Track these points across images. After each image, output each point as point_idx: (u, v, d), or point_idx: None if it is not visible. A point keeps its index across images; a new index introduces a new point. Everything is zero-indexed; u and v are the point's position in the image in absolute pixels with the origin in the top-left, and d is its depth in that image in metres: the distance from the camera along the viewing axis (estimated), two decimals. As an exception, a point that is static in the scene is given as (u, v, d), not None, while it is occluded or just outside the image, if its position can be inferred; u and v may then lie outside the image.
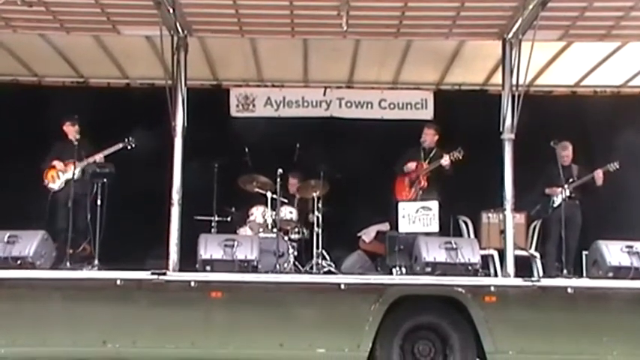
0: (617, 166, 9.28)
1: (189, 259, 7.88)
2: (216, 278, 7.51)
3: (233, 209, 9.73)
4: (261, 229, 9.30)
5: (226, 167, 9.62)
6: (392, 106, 11.03)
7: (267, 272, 8.00)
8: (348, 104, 11.04)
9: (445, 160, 9.14)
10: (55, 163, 9.27)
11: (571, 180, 9.28)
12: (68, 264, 8.03)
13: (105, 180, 8.67)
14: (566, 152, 9.39)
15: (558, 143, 9.06)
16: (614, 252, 7.94)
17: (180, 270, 7.73)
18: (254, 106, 10.97)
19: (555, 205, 9.26)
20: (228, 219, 9.68)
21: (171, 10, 7.89)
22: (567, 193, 9.16)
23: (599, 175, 9.26)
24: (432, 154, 9.45)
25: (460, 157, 9.10)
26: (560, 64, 9.95)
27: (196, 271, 7.68)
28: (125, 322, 7.39)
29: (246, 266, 7.73)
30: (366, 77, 10.73)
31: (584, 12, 8.08)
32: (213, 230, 9.38)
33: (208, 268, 7.69)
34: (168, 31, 8.11)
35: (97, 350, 7.39)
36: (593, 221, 9.58)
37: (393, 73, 10.59)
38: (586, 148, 9.99)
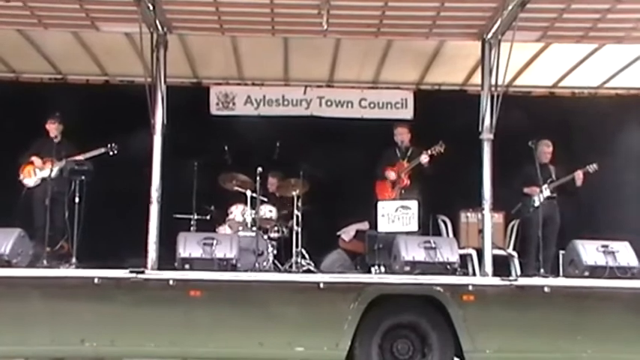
0: (596, 168, 9.41)
1: (168, 258, 7.88)
2: (195, 277, 7.49)
3: (212, 207, 9.74)
4: (240, 228, 9.31)
5: (206, 165, 9.63)
6: (372, 105, 11.08)
7: (246, 271, 7.99)
8: (329, 103, 11.06)
9: (424, 157, 9.19)
10: (34, 159, 9.22)
11: (550, 180, 9.38)
12: (45, 262, 7.99)
13: (83, 177, 8.64)
14: (549, 149, 9.45)
15: (538, 142, 9.18)
16: (590, 251, 8.02)
17: (159, 268, 7.70)
18: (234, 104, 10.97)
19: (536, 205, 9.35)
20: (208, 217, 9.69)
21: (150, 7, 7.87)
22: (548, 193, 9.27)
23: (579, 175, 9.38)
24: (409, 153, 9.51)
25: (442, 151, 9.15)
26: (538, 65, 10.04)
27: (175, 269, 7.66)
28: (103, 321, 7.36)
29: (226, 265, 7.71)
30: (346, 76, 10.77)
31: (563, 13, 8.17)
32: (192, 228, 9.40)
33: (187, 266, 7.67)
34: (147, 28, 8.09)
35: (75, 349, 7.37)
36: (570, 221, 9.66)
37: (374, 72, 10.63)
38: (564, 149, 10.08)
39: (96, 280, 7.33)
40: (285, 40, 9.37)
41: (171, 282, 7.39)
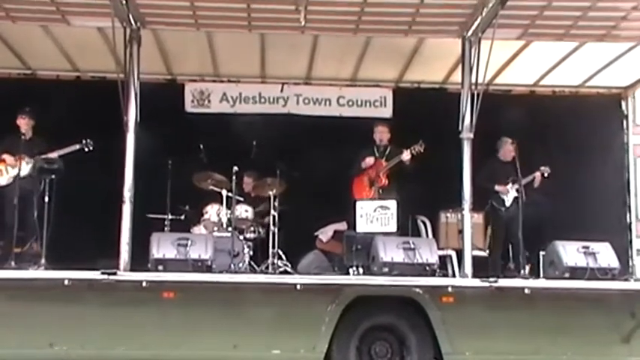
0: (549, 170, 9.52)
1: (141, 259, 7.81)
2: (168, 278, 7.44)
3: (187, 207, 9.69)
4: (215, 228, 9.28)
5: (180, 164, 9.57)
6: (350, 103, 11.06)
7: (221, 272, 7.96)
8: (306, 101, 11.03)
9: (406, 155, 9.19)
10: (5, 156, 9.05)
11: (512, 177, 9.40)
12: (13, 263, 7.87)
13: (53, 176, 8.52)
14: (512, 147, 9.46)
15: (501, 139, 9.41)
16: (570, 252, 8.05)
17: (132, 270, 7.64)
18: (209, 101, 10.90)
19: (508, 205, 9.44)
20: (182, 217, 9.65)
21: (123, 1, 7.79)
22: (514, 193, 9.35)
23: (538, 176, 9.50)
24: (387, 152, 9.51)
25: (422, 150, 9.17)
26: (519, 63, 10.06)
27: (148, 270, 7.60)
28: (73, 324, 7.28)
29: (200, 266, 7.67)
30: (324, 74, 10.73)
31: (543, 11, 8.19)
32: (166, 229, 9.35)
33: (161, 267, 7.61)
34: (120, 23, 8.00)
35: (44, 353, 7.26)
36: (550, 222, 9.73)
37: (352, 69, 10.60)
38: (544, 148, 10.14)
39: (66, 282, 7.22)
40: (262, 36, 9.32)
41: (144, 283, 7.31)
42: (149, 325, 7.34)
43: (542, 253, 8.86)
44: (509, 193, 9.45)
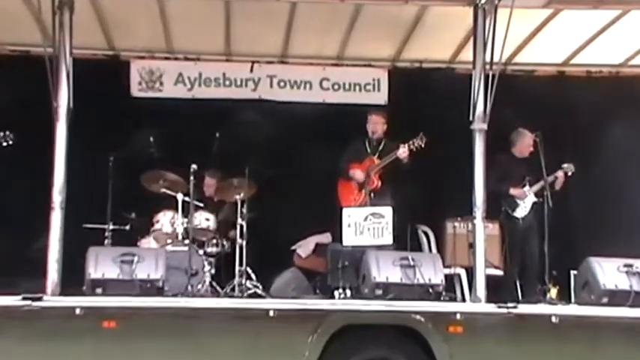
0: (573, 169, 9.54)
1: (74, 280, 7.76)
2: (109, 304, 7.40)
3: (133, 215, 9.67)
4: (168, 241, 9.26)
5: (125, 161, 9.57)
6: (336, 86, 11.11)
7: (175, 295, 7.95)
8: (282, 84, 11.07)
9: (403, 151, 9.17)
10: None
11: (528, 178, 9.45)
12: None
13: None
14: (531, 143, 9.50)
15: (520, 132, 9.46)
16: (609, 272, 8.04)
17: (62, 293, 7.57)
18: (161, 83, 10.91)
19: (526, 213, 9.50)
20: (127, 227, 9.62)
21: (50, -47, 7.77)
22: (533, 199, 9.41)
23: (561, 176, 9.51)
24: (381, 147, 9.51)
25: (422, 146, 9.16)
26: (545, 38, 10.08)
27: (84, 294, 7.56)
28: (-11, 360, 7.24)
29: (149, 288, 7.65)
30: (304, 50, 10.76)
31: (576, -29, 8.25)
32: (106, 242, 9.34)
33: (99, 290, 7.56)
34: (46, -14, 7.98)
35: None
36: (582, 233, 9.77)
37: (338, 45, 10.61)
38: (575, 142, 10.17)
39: (-23, 310, 7.20)
40: (226, 2, 9.32)
41: (77, 311, 7.24)
42: (85, 362, 7.31)
43: (573, 272, 8.89)
44: (527, 198, 9.46)
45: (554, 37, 10.09)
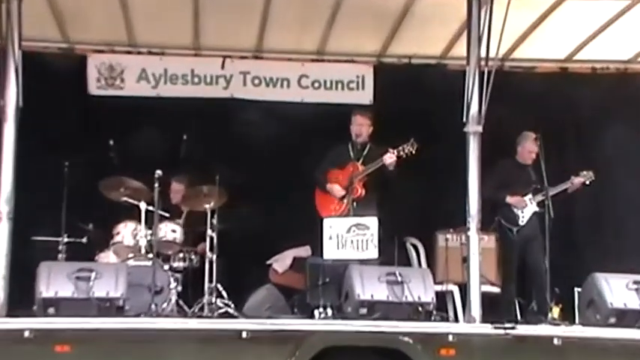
0: (592, 177, 9.53)
1: (23, 298, 7.74)
2: (63, 325, 7.35)
3: (90, 226, 9.61)
4: (130, 255, 9.17)
5: (81, 167, 9.49)
6: (316, 84, 11.11)
7: (138, 315, 7.92)
8: (256, 81, 11.05)
9: (390, 157, 9.10)
10: None
11: (533, 187, 9.41)
12: None
13: None
14: (534, 147, 9.44)
15: (522, 135, 9.44)
16: (617, 289, 8.07)
17: (10, 314, 7.53)
18: (123, 80, 10.85)
19: (523, 223, 9.45)
20: (84, 240, 9.54)
21: None
22: (534, 208, 9.38)
23: (577, 184, 9.48)
24: (366, 152, 9.44)
25: (413, 152, 9.10)
26: (546, 31, 10.11)
27: (34, 315, 7.52)
28: None
29: (108, 307, 7.64)
30: (280, 44, 10.77)
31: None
32: (60, 256, 9.24)
33: (52, 310, 7.54)
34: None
35: None
36: (587, 246, 9.76)
37: (319, 39, 10.63)
38: (579, 145, 10.17)
39: None
40: (195, -9, 9.34)
41: (27, 333, 7.18)
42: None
43: (577, 289, 8.90)
44: (527, 207, 9.43)
45: (556, 30, 10.13)
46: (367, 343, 7.60)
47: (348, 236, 8.36)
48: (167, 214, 9.45)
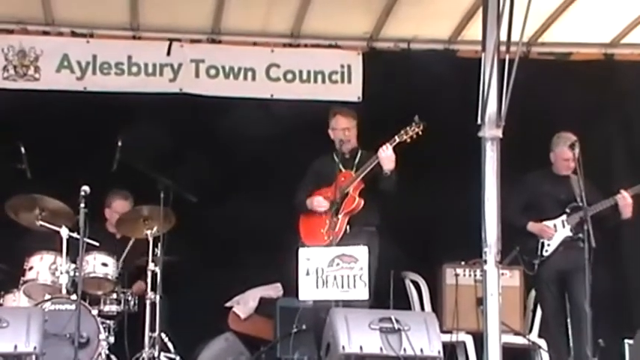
0: None
1: None
2: (-41, 388, 7.38)
3: (-7, 260, 9.64)
4: (47, 296, 9.15)
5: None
6: (289, 76, 11.17)
7: (57, 375, 7.92)
8: (212, 72, 11.10)
9: (385, 150, 9.02)
10: None
11: (572, 205, 9.44)
12: None
13: None
14: (571, 152, 9.36)
15: (557, 137, 9.43)
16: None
17: None
18: (38, 69, 10.84)
19: (549, 253, 9.47)
20: (-14, 277, 9.57)
21: None
22: (567, 233, 9.41)
23: (625, 199, 9.43)
24: (357, 161, 9.40)
25: (420, 133, 8.98)
26: (585, 8, 10.19)
27: None
28: None
29: (18, 364, 7.64)
30: (243, 25, 10.84)
31: None
32: (-44, 298, 9.28)
33: (-56, 368, 7.55)
34: None
35: None
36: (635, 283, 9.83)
37: (293, 18, 10.71)
38: (630, 152, 10.26)
39: None
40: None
41: None
42: None
43: (628, 341, 9.03)
44: (556, 234, 9.48)
45: (598, 6, 10.20)
46: (354, 410, 7.63)
47: (331, 271, 8.34)
48: (96, 243, 9.40)
